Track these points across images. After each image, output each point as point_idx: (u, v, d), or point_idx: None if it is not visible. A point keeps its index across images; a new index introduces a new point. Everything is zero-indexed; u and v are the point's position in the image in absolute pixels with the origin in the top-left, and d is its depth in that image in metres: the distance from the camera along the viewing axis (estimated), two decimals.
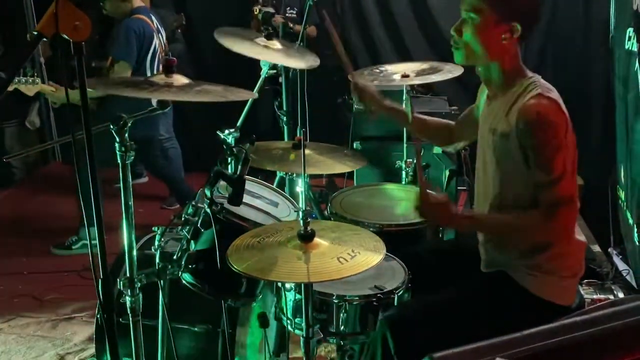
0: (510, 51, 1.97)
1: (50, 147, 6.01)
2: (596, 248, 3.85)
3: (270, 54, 2.89)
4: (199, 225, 2.02)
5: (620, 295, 2.71)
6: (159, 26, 4.21)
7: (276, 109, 3.39)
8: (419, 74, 3.01)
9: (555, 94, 1.93)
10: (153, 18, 4.16)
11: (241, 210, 2.05)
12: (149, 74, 4.03)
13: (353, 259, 1.68)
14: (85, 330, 3.26)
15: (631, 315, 1.23)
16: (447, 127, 2.49)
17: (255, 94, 2.21)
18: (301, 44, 3.24)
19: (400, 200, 2.79)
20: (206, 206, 1.98)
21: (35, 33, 1.41)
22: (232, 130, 2.90)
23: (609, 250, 3.66)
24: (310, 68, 2.99)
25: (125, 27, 3.97)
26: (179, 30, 4.80)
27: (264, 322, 2.29)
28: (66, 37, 1.43)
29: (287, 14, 4.93)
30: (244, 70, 4.46)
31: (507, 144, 1.95)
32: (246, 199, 2.03)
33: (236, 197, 1.95)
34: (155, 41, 4.09)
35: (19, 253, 4.27)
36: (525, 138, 1.89)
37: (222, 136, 2.89)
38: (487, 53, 1.98)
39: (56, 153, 6.05)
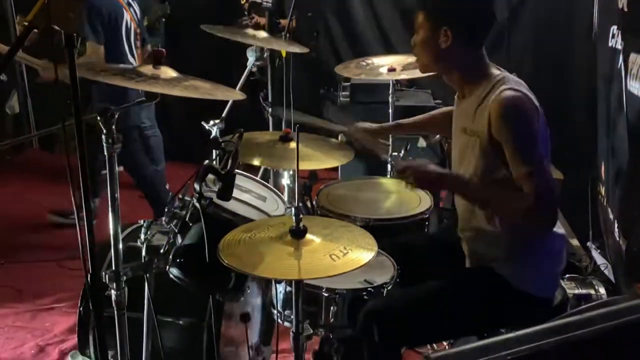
0: (462, 56, 2.02)
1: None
2: (575, 242, 3.90)
3: (260, 41, 2.89)
4: (187, 219, 1.99)
5: (602, 290, 2.74)
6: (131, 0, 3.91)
7: (261, 100, 3.36)
8: (406, 67, 3.01)
9: (524, 88, 1.95)
10: None
11: (230, 205, 2.03)
12: (127, 50, 3.80)
13: (345, 256, 1.67)
14: (65, 321, 3.23)
15: (624, 316, 1.25)
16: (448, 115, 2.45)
17: (242, 94, 2.19)
18: (287, 35, 3.24)
19: (387, 193, 2.81)
20: (195, 200, 1.96)
21: (26, 24, 1.38)
22: (216, 121, 2.87)
23: (588, 244, 3.71)
24: (301, 52, 3.01)
25: (86, 4, 3.65)
26: (164, 20, 4.68)
27: (244, 317, 2.32)
28: (58, 28, 1.39)
29: (262, 3, 4.87)
30: (227, 64, 4.42)
31: (478, 143, 1.98)
32: (235, 193, 2.00)
33: (226, 192, 1.93)
34: (126, 15, 3.78)
35: None
36: (499, 132, 1.90)
37: (207, 127, 2.87)
38: (437, 61, 2.06)
39: (33, 140, 5.95)
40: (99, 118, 1.81)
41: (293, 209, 1.75)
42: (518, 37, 4.98)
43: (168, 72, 1.94)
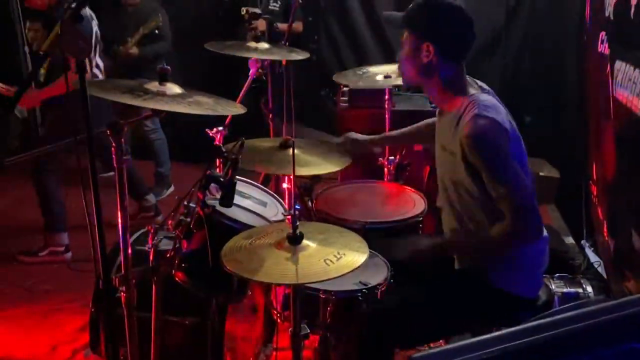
0: (442, 71, 2.12)
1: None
2: (569, 240, 4.00)
3: (261, 53, 3.01)
4: (191, 226, 2.11)
5: (589, 288, 2.85)
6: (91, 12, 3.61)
7: (262, 107, 3.47)
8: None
9: (492, 111, 2.04)
10: None
11: (232, 212, 2.14)
12: (100, 64, 3.51)
13: (339, 261, 1.79)
14: (76, 320, 3.35)
15: (594, 318, 1.36)
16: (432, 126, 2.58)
17: (243, 107, 2.30)
18: (286, 43, 3.35)
19: (383, 197, 2.93)
20: (198, 208, 2.07)
21: (42, 54, 1.50)
22: (220, 128, 2.99)
23: (582, 242, 3.81)
24: (302, 58, 3.11)
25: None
26: (157, 32, 4.67)
27: (253, 308, 2.44)
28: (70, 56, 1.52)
29: (270, 7, 4.98)
30: (233, 71, 4.53)
31: (456, 162, 2.10)
32: (236, 199, 2.12)
33: (227, 199, 2.05)
34: (96, 30, 3.34)
35: (8, 244, 4.31)
36: (473, 158, 2.03)
37: (211, 134, 2.99)
38: (418, 74, 2.16)
39: None
40: (108, 132, 1.93)
41: (290, 216, 1.86)
42: (514, 40, 5.09)
43: (173, 89, 2.05)
